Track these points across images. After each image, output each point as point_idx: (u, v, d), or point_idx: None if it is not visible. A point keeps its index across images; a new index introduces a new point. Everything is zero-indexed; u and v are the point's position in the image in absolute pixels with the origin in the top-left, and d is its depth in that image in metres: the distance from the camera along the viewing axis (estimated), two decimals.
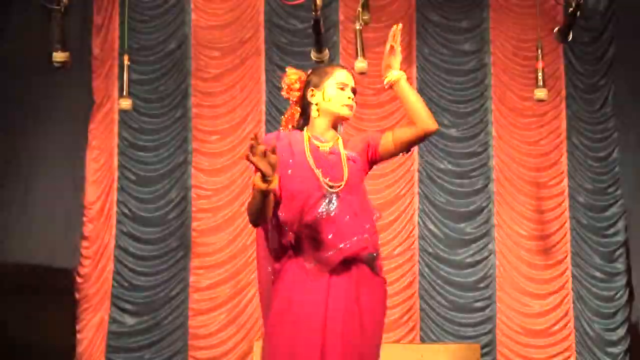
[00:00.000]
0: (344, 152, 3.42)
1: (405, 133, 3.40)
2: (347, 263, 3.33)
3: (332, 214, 3.30)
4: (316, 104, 3.48)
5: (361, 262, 3.38)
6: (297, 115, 3.56)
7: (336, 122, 3.49)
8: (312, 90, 3.50)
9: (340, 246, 3.29)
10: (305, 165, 3.36)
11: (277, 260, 3.41)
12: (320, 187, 3.32)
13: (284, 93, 3.61)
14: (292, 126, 3.56)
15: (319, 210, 3.30)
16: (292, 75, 3.59)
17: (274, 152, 3.04)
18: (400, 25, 3.47)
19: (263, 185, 3.07)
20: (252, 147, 3.01)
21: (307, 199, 3.31)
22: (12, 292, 7.49)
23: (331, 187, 3.33)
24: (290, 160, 3.36)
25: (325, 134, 3.47)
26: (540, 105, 7.91)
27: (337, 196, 3.33)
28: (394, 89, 3.43)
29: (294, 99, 3.59)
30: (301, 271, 3.33)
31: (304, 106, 3.53)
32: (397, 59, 3.44)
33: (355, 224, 3.34)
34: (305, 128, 3.50)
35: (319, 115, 3.48)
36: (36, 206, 7.70)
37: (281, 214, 3.33)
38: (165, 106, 8.06)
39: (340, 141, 3.47)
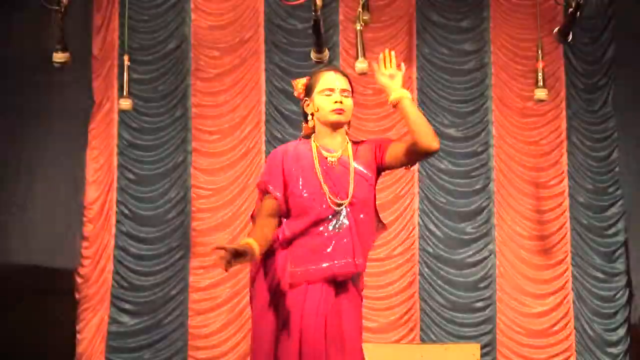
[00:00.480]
0: (352, 165, 3.37)
1: (408, 148, 3.33)
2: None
3: (339, 232, 3.30)
4: (311, 114, 3.44)
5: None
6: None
7: (334, 128, 3.42)
8: (307, 100, 3.46)
9: (329, 264, 3.27)
10: (314, 180, 3.33)
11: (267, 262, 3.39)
12: (328, 204, 3.30)
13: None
14: (304, 134, 3.52)
15: (329, 227, 3.30)
16: (297, 85, 3.54)
17: (225, 249, 3.04)
18: (394, 52, 3.39)
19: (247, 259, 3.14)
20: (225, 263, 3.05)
21: (317, 216, 3.30)
22: (12, 292, 7.49)
23: (338, 204, 3.31)
24: (300, 176, 3.34)
25: (331, 142, 3.41)
26: (541, 105, 7.91)
27: (347, 214, 3.31)
28: (397, 108, 3.34)
29: None
30: (285, 271, 3.31)
31: (306, 115, 3.50)
32: (397, 80, 3.34)
33: (353, 245, 3.30)
34: (313, 137, 3.45)
35: (316, 124, 3.43)
36: (36, 206, 7.71)
37: (290, 228, 3.33)
38: (165, 106, 8.05)
39: (350, 149, 3.41)
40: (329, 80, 3.39)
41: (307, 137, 3.47)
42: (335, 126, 3.41)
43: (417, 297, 7.98)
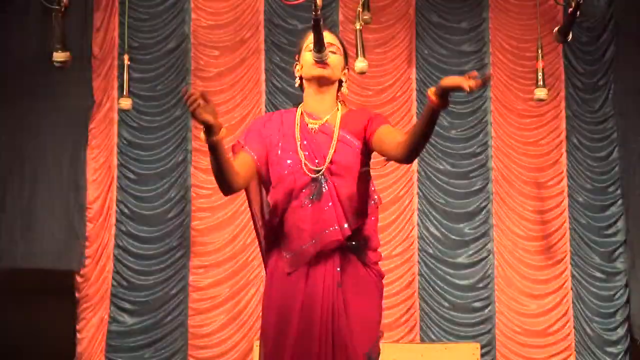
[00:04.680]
0: (337, 132, 3.21)
1: (387, 145, 3.11)
2: (331, 252, 3.15)
3: (319, 201, 3.15)
4: (300, 77, 3.32)
5: (348, 252, 3.19)
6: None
7: (320, 86, 3.25)
8: (297, 64, 3.35)
9: (313, 241, 3.13)
10: (292, 147, 3.21)
11: (267, 247, 3.33)
12: (304, 171, 3.17)
13: None
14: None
15: (307, 196, 3.16)
16: None
17: (206, 98, 2.82)
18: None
19: (209, 138, 2.94)
20: (187, 101, 2.82)
21: (294, 183, 3.17)
22: (12, 292, 7.49)
23: (315, 170, 3.17)
24: (280, 143, 3.23)
25: (319, 105, 3.26)
26: (540, 105, 7.91)
27: (326, 181, 3.16)
28: (433, 107, 2.87)
29: None
30: (282, 261, 3.21)
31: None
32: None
33: (336, 211, 3.14)
34: (301, 104, 3.33)
35: (304, 87, 3.31)
36: (36, 205, 7.71)
37: (271, 200, 3.21)
38: (165, 105, 8.06)
39: (338, 115, 3.25)
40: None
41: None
42: (319, 82, 3.26)
43: (417, 297, 7.99)
